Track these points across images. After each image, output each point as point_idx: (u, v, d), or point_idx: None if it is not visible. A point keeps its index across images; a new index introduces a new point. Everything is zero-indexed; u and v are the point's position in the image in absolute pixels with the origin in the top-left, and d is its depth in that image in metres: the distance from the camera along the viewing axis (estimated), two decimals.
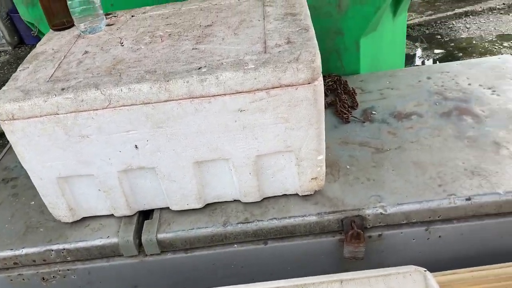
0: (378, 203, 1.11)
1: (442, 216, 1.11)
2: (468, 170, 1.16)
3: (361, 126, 1.37)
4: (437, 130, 1.30)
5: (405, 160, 1.22)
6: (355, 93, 1.51)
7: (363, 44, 1.61)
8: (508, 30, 4.04)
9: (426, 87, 1.50)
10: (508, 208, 1.10)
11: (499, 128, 1.28)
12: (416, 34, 4.26)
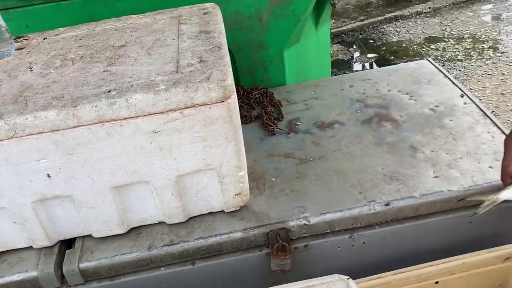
0: (302, 214, 1.12)
1: (364, 222, 1.14)
2: (387, 175, 1.20)
3: (286, 137, 1.39)
4: (358, 137, 1.34)
5: (328, 169, 1.24)
6: (281, 105, 1.53)
7: (287, 56, 1.64)
8: (435, 33, 4.25)
9: (349, 95, 1.54)
10: (424, 211, 1.14)
11: (415, 132, 1.33)
12: (350, 39, 4.40)
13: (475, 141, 1.27)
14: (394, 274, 1.10)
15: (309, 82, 1.66)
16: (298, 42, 1.66)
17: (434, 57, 3.85)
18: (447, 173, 1.18)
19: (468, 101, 1.43)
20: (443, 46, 3.99)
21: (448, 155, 1.24)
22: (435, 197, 1.13)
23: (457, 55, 3.83)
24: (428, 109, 1.42)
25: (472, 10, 4.59)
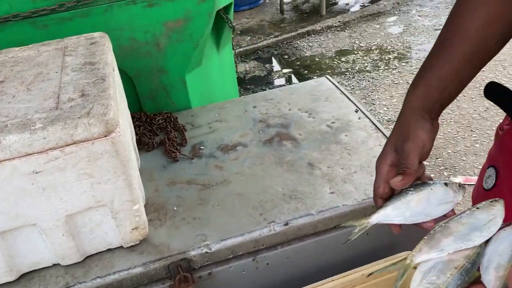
0: (203, 242, 1.11)
1: (265, 244, 1.15)
2: (287, 195, 1.22)
3: (189, 163, 1.38)
4: (260, 158, 1.36)
5: (230, 193, 1.25)
6: (185, 130, 1.52)
7: (190, 80, 1.64)
8: (345, 46, 4.45)
9: (252, 116, 1.56)
10: (322, 227, 1.18)
11: (313, 149, 1.37)
12: (266, 55, 4.49)
13: (368, 154, 1.34)
14: None
15: (214, 105, 1.66)
16: (200, 65, 1.66)
17: (344, 69, 4.03)
18: (342, 188, 1.23)
19: (362, 116, 1.50)
20: (353, 59, 4.18)
21: (343, 170, 1.29)
22: (331, 213, 1.17)
23: (366, 66, 4.03)
24: (326, 126, 1.47)
25: (379, 23, 4.87)
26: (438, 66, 0.84)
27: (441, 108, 0.85)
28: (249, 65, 4.32)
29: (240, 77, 4.14)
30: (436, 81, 0.84)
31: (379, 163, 0.83)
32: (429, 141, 0.82)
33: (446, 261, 0.67)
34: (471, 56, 0.84)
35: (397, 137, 0.83)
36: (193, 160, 1.38)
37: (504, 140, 1.04)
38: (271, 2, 5.68)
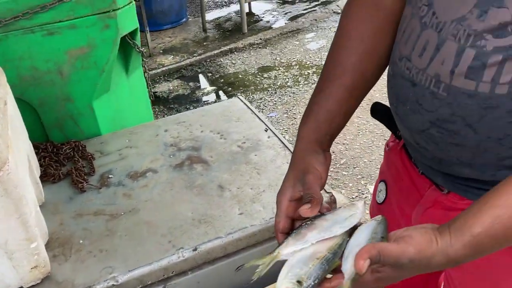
0: (109, 274, 1.09)
1: (175, 271, 1.14)
2: (196, 219, 1.23)
3: (97, 193, 1.35)
4: (170, 183, 1.36)
5: (139, 222, 1.23)
6: (94, 158, 1.49)
7: (98, 107, 1.61)
8: (267, 62, 4.55)
9: (163, 140, 1.56)
10: (232, 249, 1.19)
11: (224, 171, 1.39)
12: (190, 74, 4.49)
13: (276, 172, 1.38)
14: None
15: (124, 130, 1.64)
16: (108, 91, 1.63)
17: (267, 85, 4.12)
18: (251, 208, 1.25)
19: (271, 134, 1.55)
20: (274, 75, 4.29)
21: (252, 190, 1.32)
22: (239, 234, 1.19)
23: (287, 82, 4.14)
24: (236, 146, 1.50)
25: (298, 39, 5.03)
26: (324, 101, 0.89)
27: (330, 139, 0.89)
28: (172, 84, 4.30)
29: (163, 96, 4.11)
30: (324, 115, 0.88)
31: (279, 199, 0.84)
32: (324, 172, 0.85)
33: (310, 253, 0.71)
34: (351, 89, 0.90)
35: (296, 172, 0.85)
36: (101, 190, 1.35)
37: (390, 156, 1.12)
38: (194, 21, 5.71)
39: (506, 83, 0.70)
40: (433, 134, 0.81)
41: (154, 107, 3.87)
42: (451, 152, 0.81)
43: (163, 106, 3.96)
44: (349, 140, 3.25)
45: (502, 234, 0.64)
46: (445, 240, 0.65)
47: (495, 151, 0.76)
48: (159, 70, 4.48)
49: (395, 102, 0.90)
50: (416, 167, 1.01)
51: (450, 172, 0.87)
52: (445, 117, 0.78)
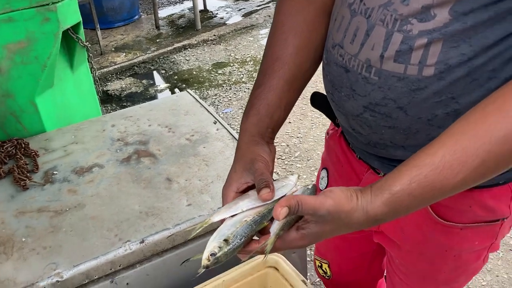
0: (53, 271, 1.07)
1: (122, 264, 1.13)
2: (143, 212, 1.22)
3: (41, 190, 1.31)
4: (117, 178, 1.34)
5: (84, 217, 1.21)
6: (37, 155, 1.45)
7: (41, 103, 1.57)
8: (221, 59, 4.55)
9: (110, 135, 1.54)
10: (181, 240, 1.19)
11: (172, 164, 1.39)
12: (143, 71, 4.43)
13: (225, 163, 1.39)
14: None
15: (70, 126, 1.61)
16: (52, 86, 1.59)
17: (222, 81, 4.12)
18: (199, 199, 1.26)
19: (220, 127, 1.56)
20: (229, 71, 4.29)
21: (200, 181, 1.32)
22: (187, 225, 1.19)
23: (242, 77, 4.15)
24: (185, 139, 1.50)
25: (252, 35, 5.05)
26: (263, 94, 0.90)
27: (273, 132, 0.90)
28: (125, 82, 4.22)
29: (116, 94, 4.04)
30: (264, 108, 0.88)
31: (226, 191, 0.83)
32: (271, 162, 0.85)
33: (239, 218, 0.72)
34: (290, 81, 0.91)
35: (243, 163, 0.84)
36: (45, 187, 1.32)
37: (329, 143, 1.15)
38: (146, 18, 5.62)
39: (432, 65, 0.73)
40: (367, 118, 0.84)
41: (106, 106, 3.80)
42: (385, 135, 0.84)
43: (115, 104, 3.88)
44: (303, 134, 3.30)
45: (419, 193, 0.66)
46: (366, 197, 0.67)
47: (425, 132, 0.79)
48: (111, 68, 4.38)
49: (330, 89, 0.92)
50: (353, 152, 1.05)
51: (385, 155, 0.90)
52: (377, 100, 0.80)
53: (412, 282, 1.11)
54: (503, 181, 0.87)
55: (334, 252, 1.36)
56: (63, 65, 1.66)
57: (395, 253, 1.09)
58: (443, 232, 0.94)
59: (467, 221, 0.91)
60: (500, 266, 2.13)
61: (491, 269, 2.12)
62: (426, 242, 0.99)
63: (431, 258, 1.02)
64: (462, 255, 0.98)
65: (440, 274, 1.03)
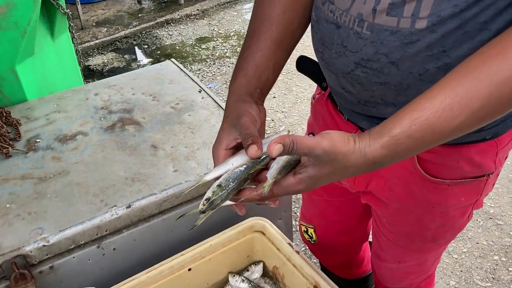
0: (40, 235, 1.06)
1: (109, 229, 1.13)
2: (129, 178, 1.22)
3: (24, 157, 1.29)
4: (101, 145, 1.33)
5: (69, 184, 1.20)
6: (19, 124, 1.42)
7: (22, 71, 1.53)
8: (205, 33, 4.50)
9: (93, 104, 1.51)
10: (168, 205, 1.19)
11: (157, 131, 1.38)
12: (125, 46, 4.36)
13: (211, 131, 1.38)
14: (147, 272, 1.12)
15: (52, 95, 1.58)
16: (32, 54, 1.56)
17: (205, 56, 4.08)
18: (186, 165, 1.26)
19: (205, 95, 1.54)
20: (212, 45, 4.25)
21: (186, 148, 1.32)
22: (174, 190, 1.19)
23: (226, 52, 4.12)
24: (170, 108, 1.49)
25: (236, 10, 4.99)
26: (251, 56, 0.89)
27: (262, 93, 0.89)
28: (107, 57, 4.15)
29: (98, 69, 3.98)
30: (252, 69, 0.88)
31: (216, 149, 0.82)
32: (260, 120, 0.84)
33: (232, 168, 0.73)
34: (278, 41, 0.90)
35: (230, 120, 0.83)
36: (28, 154, 1.30)
37: (316, 107, 1.15)
38: None
39: (424, 18, 0.73)
40: (358, 75, 0.84)
41: (88, 80, 3.74)
42: (376, 92, 0.85)
43: (97, 79, 3.81)
44: (287, 108, 3.31)
45: (419, 135, 0.66)
46: (364, 141, 0.67)
47: (416, 87, 0.80)
48: (92, 43, 4.31)
49: (320, 48, 0.92)
50: (341, 114, 1.05)
51: (375, 114, 0.91)
52: (369, 56, 0.80)
53: (400, 240, 1.14)
54: (489, 136, 0.89)
55: (320, 216, 1.38)
56: (44, 32, 1.62)
57: (383, 212, 1.11)
58: (431, 188, 0.96)
59: (454, 177, 0.93)
60: (480, 234, 2.19)
61: (471, 236, 2.18)
62: (414, 200, 1.01)
63: (418, 216, 1.04)
64: (448, 212, 1.01)
65: (427, 231, 1.06)
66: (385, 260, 1.26)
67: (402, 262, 1.21)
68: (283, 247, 1.17)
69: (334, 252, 1.44)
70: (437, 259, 1.23)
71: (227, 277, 1.24)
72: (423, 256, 1.18)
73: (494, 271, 2.01)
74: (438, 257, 1.23)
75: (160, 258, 1.14)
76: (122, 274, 1.14)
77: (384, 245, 1.19)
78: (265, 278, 1.26)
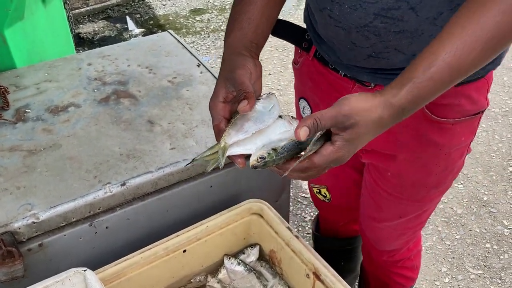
0: (29, 211, 1.01)
1: (102, 207, 1.08)
2: (124, 154, 1.16)
3: (12, 128, 1.23)
4: (94, 118, 1.27)
5: (60, 158, 1.14)
6: (8, 92, 1.35)
7: (11, 36, 1.45)
8: (199, 5, 4.37)
9: (86, 74, 1.44)
10: (164, 183, 1.15)
11: (153, 106, 1.32)
12: (117, 14, 4.22)
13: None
14: (141, 253, 1.08)
15: (43, 63, 1.50)
16: (22, 19, 1.47)
17: (199, 28, 3.97)
18: (183, 143, 1.20)
19: (204, 70, 1.48)
20: (207, 18, 4.14)
21: (184, 125, 1.26)
22: (171, 169, 1.14)
23: (221, 25, 4.01)
24: (167, 81, 1.42)
25: None
26: (244, 10, 0.89)
27: (257, 47, 0.89)
28: (97, 25, 4.02)
29: (88, 38, 3.85)
30: (247, 23, 0.88)
31: (212, 103, 0.83)
32: (255, 71, 0.84)
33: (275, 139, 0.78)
34: None
35: (225, 73, 0.83)
36: (17, 125, 1.24)
37: (301, 71, 1.14)
38: None
39: None
40: (377, 26, 0.85)
41: (78, 49, 3.62)
42: (392, 42, 0.87)
43: (88, 48, 3.70)
44: (283, 86, 3.25)
45: (439, 76, 0.69)
46: (387, 93, 0.71)
47: (429, 33, 0.84)
48: (82, 9, 4.16)
49: (329, 5, 0.90)
50: (334, 71, 1.05)
51: (383, 66, 0.93)
52: (390, 4, 0.82)
53: (405, 192, 1.16)
54: (482, 75, 0.96)
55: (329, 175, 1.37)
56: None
57: (389, 166, 1.13)
58: (437, 130, 1.01)
59: (457, 116, 0.99)
60: (473, 221, 2.19)
61: (464, 223, 2.18)
62: (421, 145, 1.05)
63: (425, 161, 1.08)
64: (451, 153, 1.07)
65: (431, 177, 1.11)
66: (384, 220, 1.27)
67: (403, 216, 1.22)
68: (282, 231, 1.14)
69: (348, 208, 1.44)
70: (432, 211, 1.28)
71: (222, 260, 1.21)
72: (423, 206, 1.21)
73: (485, 258, 2.01)
74: (433, 209, 1.27)
75: (154, 239, 1.10)
76: (115, 254, 1.10)
77: (384, 203, 1.21)
78: (261, 261, 1.23)
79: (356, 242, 1.61)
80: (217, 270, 1.21)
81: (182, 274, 1.17)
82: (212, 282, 1.20)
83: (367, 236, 1.39)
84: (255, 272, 1.19)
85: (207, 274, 1.21)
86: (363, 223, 1.37)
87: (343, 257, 1.62)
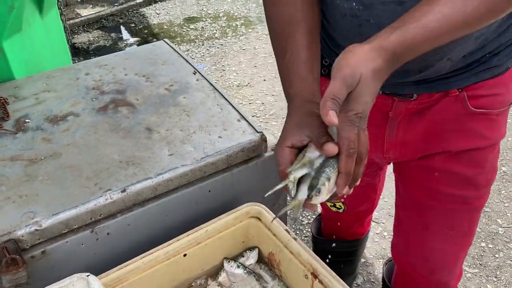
0: (31, 219, 1.03)
1: (103, 214, 1.10)
2: (123, 161, 1.19)
3: (13, 138, 1.25)
4: (93, 127, 1.29)
5: (61, 166, 1.16)
6: (7, 103, 1.37)
7: (9, 48, 1.47)
8: (193, 13, 4.41)
9: (84, 84, 1.47)
10: (163, 189, 1.17)
11: (151, 113, 1.34)
12: (111, 24, 4.25)
13: (206, 114, 1.35)
14: (142, 258, 1.10)
15: (41, 74, 1.52)
16: (20, 30, 1.50)
17: (194, 36, 4.01)
18: (181, 149, 1.23)
19: (200, 77, 1.51)
20: (201, 26, 4.18)
21: (182, 131, 1.29)
22: (170, 175, 1.16)
23: (215, 33, 4.05)
24: (164, 89, 1.45)
25: None
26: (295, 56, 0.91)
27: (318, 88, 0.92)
28: (92, 35, 4.05)
29: (83, 48, 3.88)
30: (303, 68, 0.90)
31: (280, 148, 0.85)
32: None
33: None
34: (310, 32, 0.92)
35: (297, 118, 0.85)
36: (17, 135, 1.26)
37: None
38: None
39: None
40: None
41: (74, 59, 3.65)
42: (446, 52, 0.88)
43: (83, 57, 3.73)
44: (278, 92, 3.28)
45: (433, 25, 0.69)
46: (375, 39, 0.70)
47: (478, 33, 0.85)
48: (77, 20, 4.20)
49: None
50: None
51: (428, 76, 0.94)
52: None
53: (455, 191, 1.14)
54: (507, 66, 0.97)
55: None
56: (32, 8, 1.56)
57: (440, 164, 1.12)
58: (482, 121, 1.02)
59: (499, 106, 1.01)
60: None
61: None
62: (469, 139, 1.06)
63: (477, 157, 1.09)
64: (495, 147, 1.09)
65: (481, 175, 1.11)
66: (433, 232, 1.22)
67: (453, 228, 1.19)
68: (280, 234, 1.16)
69: (357, 218, 1.46)
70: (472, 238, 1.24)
71: (222, 263, 1.23)
72: (472, 215, 1.18)
73: (481, 257, 2.04)
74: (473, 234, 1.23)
75: (155, 244, 1.12)
76: (116, 259, 1.11)
77: (431, 214, 1.19)
78: (261, 264, 1.25)
79: (357, 244, 1.62)
80: (217, 273, 1.23)
81: (182, 278, 1.19)
82: (213, 285, 1.22)
83: (411, 262, 1.32)
84: (254, 274, 1.21)
85: (208, 277, 1.23)
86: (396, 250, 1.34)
87: (343, 259, 1.64)
